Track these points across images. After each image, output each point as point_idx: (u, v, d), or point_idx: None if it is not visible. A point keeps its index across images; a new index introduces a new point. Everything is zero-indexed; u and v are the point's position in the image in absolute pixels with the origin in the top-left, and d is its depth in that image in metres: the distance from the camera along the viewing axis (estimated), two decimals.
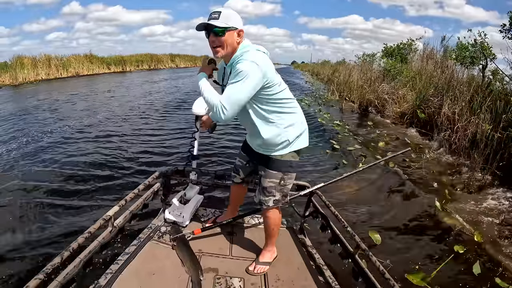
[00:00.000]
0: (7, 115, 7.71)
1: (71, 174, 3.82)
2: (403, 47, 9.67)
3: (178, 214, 2.12)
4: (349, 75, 11.19)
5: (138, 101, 9.90)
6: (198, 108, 2.02)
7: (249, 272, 1.79)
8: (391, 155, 2.64)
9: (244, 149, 1.87)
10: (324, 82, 18.07)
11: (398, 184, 3.93)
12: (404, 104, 6.82)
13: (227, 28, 1.40)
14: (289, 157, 1.63)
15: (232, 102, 1.36)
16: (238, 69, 1.35)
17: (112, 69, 26.56)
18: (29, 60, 20.26)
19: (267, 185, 1.67)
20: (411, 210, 3.30)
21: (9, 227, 2.63)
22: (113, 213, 1.69)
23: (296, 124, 1.61)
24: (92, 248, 1.55)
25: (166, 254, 1.85)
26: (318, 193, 2.13)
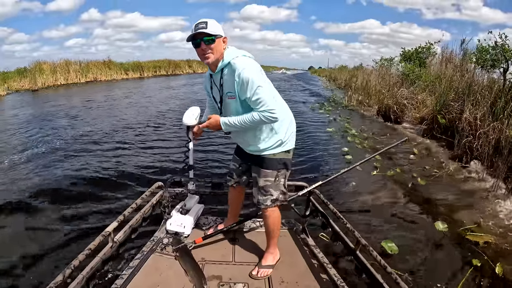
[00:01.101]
0: (12, 121, 8.09)
1: (73, 187, 3.84)
2: (421, 51, 9.48)
3: (179, 225, 2.16)
4: (367, 80, 11.04)
5: (152, 109, 10.09)
6: (188, 119, 2.08)
7: (252, 277, 1.81)
8: (387, 147, 2.63)
9: (237, 152, 1.95)
10: (342, 88, 17.93)
11: (414, 192, 3.83)
12: (423, 109, 6.66)
13: (216, 36, 1.50)
14: (282, 155, 1.71)
15: (268, 101, 1.47)
16: (246, 78, 1.47)
17: (130, 75, 27.19)
18: (48, 66, 21.00)
19: (263, 184, 1.73)
20: (428, 220, 3.18)
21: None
22: (112, 229, 1.73)
23: (285, 122, 1.68)
24: (94, 265, 1.58)
25: (169, 265, 1.87)
26: (316, 192, 2.17)
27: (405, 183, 4.08)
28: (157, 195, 2.26)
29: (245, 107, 1.57)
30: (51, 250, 2.56)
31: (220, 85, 1.63)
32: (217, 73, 1.62)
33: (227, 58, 1.56)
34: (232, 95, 1.58)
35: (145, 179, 4.02)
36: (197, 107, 2.15)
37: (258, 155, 1.72)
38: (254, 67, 1.52)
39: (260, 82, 1.47)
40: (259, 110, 1.48)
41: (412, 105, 7.27)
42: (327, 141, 6.28)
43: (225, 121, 1.60)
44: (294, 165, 4.53)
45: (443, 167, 4.58)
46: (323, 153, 5.39)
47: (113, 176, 4.14)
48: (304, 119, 8.64)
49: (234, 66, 1.53)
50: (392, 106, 7.83)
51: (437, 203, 3.55)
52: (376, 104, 8.91)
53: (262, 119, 1.49)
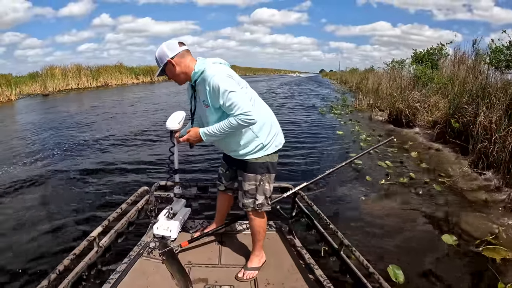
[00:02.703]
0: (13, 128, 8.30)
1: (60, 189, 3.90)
2: (433, 52, 9.31)
3: (165, 229, 2.17)
4: (378, 82, 10.89)
5: (157, 115, 10.11)
6: (172, 123, 2.08)
7: (238, 279, 1.84)
8: (376, 145, 2.63)
9: (224, 157, 1.99)
10: (353, 91, 17.80)
11: (425, 201, 3.65)
12: (436, 112, 6.48)
13: (163, 68, 1.62)
14: (264, 159, 1.73)
15: (242, 105, 1.49)
16: (216, 85, 1.50)
17: (140, 79, 27.61)
18: (59, 70, 21.52)
19: (247, 188, 1.77)
20: (438, 233, 3.00)
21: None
22: (97, 234, 1.76)
23: (266, 126, 1.70)
24: (79, 269, 1.60)
25: (156, 269, 1.89)
26: (301, 193, 2.21)
27: (416, 191, 3.92)
28: (143, 199, 2.30)
29: (219, 115, 1.61)
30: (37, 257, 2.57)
31: (193, 96, 1.73)
32: (193, 83, 1.67)
33: (197, 69, 1.61)
34: (206, 103, 1.62)
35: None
36: (182, 112, 2.16)
37: (242, 159, 1.75)
38: (224, 73, 1.55)
39: (231, 87, 1.50)
40: (235, 115, 1.50)
41: (424, 109, 7.10)
42: (336, 146, 6.16)
43: (205, 131, 1.63)
44: (303, 172, 4.52)
45: (456, 173, 4.42)
46: (333, 159, 5.23)
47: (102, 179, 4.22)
48: (314, 123, 8.57)
49: (204, 75, 1.57)
50: (404, 109, 7.65)
51: (449, 213, 3.38)
52: (387, 108, 8.74)
53: (240, 123, 1.51)
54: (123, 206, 2.07)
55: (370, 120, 8.90)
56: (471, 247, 2.75)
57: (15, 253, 2.61)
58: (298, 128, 8.02)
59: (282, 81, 37.33)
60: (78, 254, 1.59)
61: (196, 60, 1.64)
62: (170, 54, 1.59)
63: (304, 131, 7.66)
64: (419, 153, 5.35)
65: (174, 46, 1.61)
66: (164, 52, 1.59)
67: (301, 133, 7.38)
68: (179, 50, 1.60)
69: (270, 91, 21.11)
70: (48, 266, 2.35)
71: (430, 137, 6.35)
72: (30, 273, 2.34)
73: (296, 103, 13.81)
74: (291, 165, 4.86)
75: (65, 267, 1.49)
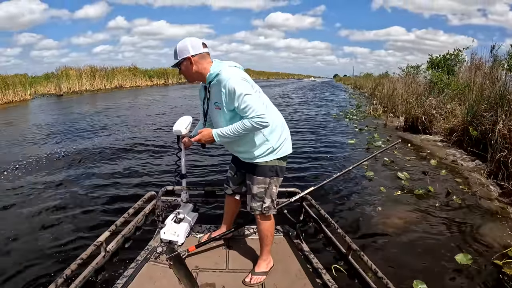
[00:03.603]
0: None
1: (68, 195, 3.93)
2: (449, 58, 9.16)
3: (173, 234, 2.19)
4: (393, 88, 10.77)
5: (168, 119, 10.17)
6: (178, 128, 2.13)
7: (246, 284, 1.85)
8: (382, 149, 2.66)
9: (233, 160, 2.02)
10: (367, 96, 17.65)
11: (442, 215, 3.47)
12: (452, 119, 6.35)
13: (180, 62, 1.65)
14: (274, 162, 1.76)
15: (257, 108, 1.53)
16: (232, 88, 1.54)
17: (154, 82, 28.03)
18: (74, 71, 22.06)
19: (256, 191, 1.80)
20: (458, 251, 2.78)
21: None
22: (104, 238, 1.79)
23: (277, 130, 1.73)
24: (86, 274, 1.62)
25: (163, 274, 1.91)
26: (308, 198, 2.22)
27: (433, 202, 3.74)
28: (150, 204, 2.33)
29: (230, 117, 1.65)
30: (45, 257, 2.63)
31: (207, 98, 1.76)
32: (207, 84, 1.71)
33: (213, 71, 1.64)
34: (218, 105, 1.66)
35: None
36: (188, 116, 2.21)
37: (251, 162, 1.77)
38: (239, 76, 1.59)
39: (246, 90, 1.54)
40: (249, 117, 1.53)
41: (441, 115, 6.96)
42: (349, 153, 6.06)
43: (218, 133, 1.65)
44: (314, 178, 4.45)
45: (475, 184, 4.27)
46: (345, 165, 5.00)
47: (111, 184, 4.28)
48: (328, 129, 8.52)
49: (220, 78, 1.61)
50: (420, 116, 7.52)
51: (468, 226, 3.22)
52: (403, 114, 8.60)
53: (254, 126, 1.54)
54: (131, 211, 2.10)
55: (385, 127, 8.77)
56: (490, 261, 2.62)
57: (23, 256, 2.65)
58: (311, 135, 7.99)
59: (298, 86, 37.39)
60: (86, 258, 1.62)
61: (212, 63, 1.68)
62: (192, 51, 1.63)
63: (316, 137, 7.62)
64: (436, 162, 5.20)
65: (198, 45, 1.65)
66: (186, 48, 1.63)
67: (314, 139, 7.35)
68: (201, 51, 1.64)
69: (285, 96, 21.15)
70: (55, 270, 2.39)
71: (447, 145, 6.22)
72: (37, 277, 2.37)
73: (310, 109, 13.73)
74: (301, 171, 4.85)
75: (72, 271, 1.51)
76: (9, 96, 15.84)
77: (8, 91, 15.77)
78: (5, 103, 15.38)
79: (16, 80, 16.79)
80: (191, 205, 2.44)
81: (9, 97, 15.80)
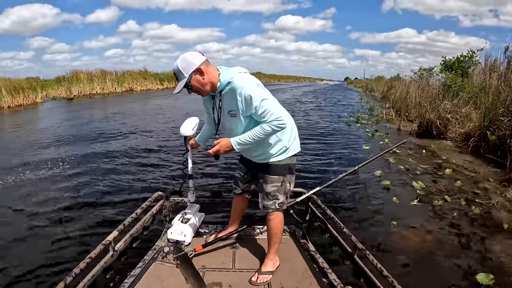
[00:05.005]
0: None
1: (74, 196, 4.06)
2: (463, 60, 9.06)
3: (180, 233, 2.25)
4: (406, 91, 10.67)
5: (177, 122, 10.26)
6: (185, 129, 2.19)
7: (252, 283, 1.89)
8: (387, 149, 2.67)
9: (242, 160, 2.05)
10: (379, 100, 17.52)
11: (459, 227, 3.29)
12: (468, 124, 6.25)
13: (189, 79, 1.60)
14: (287, 161, 1.81)
15: (275, 111, 1.57)
16: (247, 95, 1.56)
17: (165, 85, 28.30)
18: (84, 75, 22.49)
19: (270, 190, 1.85)
20: (478, 269, 2.61)
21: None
22: (113, 238, 1.85)
23: (288, 129, 1.77)
24: (95, 272, 1.68)
25: (170, 273, 1.96)
26: (314, 198, 2.27)
27: (449, 215, 3.57)
28: (157, 204, 2.39)
29: (247, 123, 1.67)
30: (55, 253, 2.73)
31: (218, 106, 1.75)
32: (216, 95, 1.72)
33: (224, 79, 1.64)
34: (234, 113, 1.67)
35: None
36: (195, 118, 2.27)
37: (264, 162, 1.82)
38: (253, 82, 1.62)
39: (262, 95, 1.57)
40: (268, 121, 1.56)
41: (456, 120, 6.87)
42: (361, 157, 5.97)
43: (237, 141, 1.66)
44: (324, 181, 4.33)
45: (493, 193, 4.10)
46: (359, 175, 4.90)
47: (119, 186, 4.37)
48: (340, 134, 8.49)
49: (233, 86, 1.62)
50: (435, 120, 7.40)
51: (488, 240, 3.04)
52: (417, 118, 8.47)
53: (274, 129, 1.58)
54: (138, 211, 2.15)
55: (399, 132, 8.66)
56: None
57: (33, 254, 2.74)
58: (322, 137, 8.01)
59: (313, 89, 37.58)
60: (94, 257, 1.67)
61: (217, 70, 1.67)
62: (197, 62, 1.60)
63: (328, 141, 7.61)
64: (452, 170, 5.06)
65: (198, 55, 1.63)
66: (190, 61, 1.59)
67: (325, 143, 7.35)
68: (203, 59, 1.63)
69: (301, 98, 21.35)
70: (63, 268, 2.46)
71: (463, 151, 6.10)
72: (47, 275, 2.44)
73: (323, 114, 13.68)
74: (310, 173, 4.87)
75: (80, 270, 1.56)
76: (20, 99, 16.29)
77: (18, 95, 16.22)
78: (16, 106, 15.82)
79: (26, 84, 17.25)
80: (198, 206, 2.49)
81: (20, 101, 16.26)
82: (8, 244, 2.91)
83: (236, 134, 1.69)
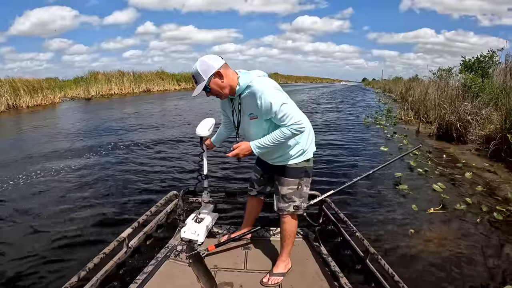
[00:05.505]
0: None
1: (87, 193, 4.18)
2: (483, 60, 8.82)
3: (193, 233, 2.29)
4: (425, 92, 10.46)
5: (194, 122, 10.31)
6: (201, 130, 2.24)
7: (263, 284, 1.91)
8: (403, 154, 2.69)
9: (258, 162, 2.07)
10: (397, 101, 17.23)
11: (483, 236, 3.15)
12: (488, 126, 6.08)
13: (208, 82, 1.62)
14: (304, 163, 1.83)
15: (295, 115, 1.59)
16: (267, 99, 1.58)
17: (182, 86, 28.58)
18: (102, 76, 22.95)
19: (286, 192, 1.86)
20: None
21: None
22: (127, 235, 1.90)
23: (306, 132, 1.78)
24: (108, 268, 1.73)
25: (182, 272, 2.00)
26: (328, 201, 2.28)
27: (471, 221, 3.43)
28: (172, 203, 2.44)
29: (267, 126, 1.69)
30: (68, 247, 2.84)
31: (238, 109, 1.77)
32: (236, 97, 1.75)
33: (243, 83, 1.66)
34: (254, 116, 1.70)
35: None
36: (211, 119, 2.34)
37: (281, 165, 1.84)
38: (272, 86, 1.63)
39: (282, 100, 1.59)
40: (287, 125, 1.59)
41: (476, 122, 6.70)
42: (378, 160, 5.90)
43: (256, 144, 1.69)
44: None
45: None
46: (377, 178, 4.76)
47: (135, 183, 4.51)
48: (358, 136, 8.42)
49: (252, 89, 1.64)
50: (454, 122, 7.23)
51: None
52: (436, 120, 8.29)
53: (293, 133, 1.61)
54: (153, 209, 2.22)
55: (417, 134, 8.50)
56: None
57: (48, 246, 2.87)
58: (340, 138, 7.97)
59: (330, 90, 37.23)
60: (108, 253, 1.73)
61: (236, 73, 1.69)
62: (217, 65, 1.62)
63: (346, 142, 7.56)
64: (473, 173, 4.90)
65: (217, 58, 1.65)
66: (209, 64, 1.62)
67: (342, 144, 7.33)
68: (223, 62, 1.65)
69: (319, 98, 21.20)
70: (77, 263, 2.53)
71: (483, 154, 5.94)
72: (61, 269, 2.53)
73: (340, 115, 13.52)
74: (324, 174, 4.88)
75: (94, 265, 1.61)
76: (39, 99, 16.85)
77: (37, 95, 16.78)
78: (35, 105, 16.36)
79: (45, 84, 17.83)
80: (212, 206, 2.53)
81: (38, 100, 16.81)
82: (26, 236, 3.07)
83: (256, 137, 1.72)
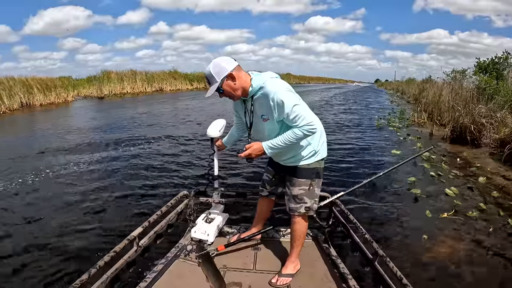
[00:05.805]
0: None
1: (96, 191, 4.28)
2: (498, 62, 8.67)
3: (203, 233, 2.31)
4: (439, 94, 10.31)
5: (206, 123, 10.36)
6: (212, 131, 2.27)
7: (272, 285, 1.92)
8: (414, 155, 2.64)
9: (270, 163, 2.09)
10: (410, 102, 17.04)
11: (498, 243, 3.09)
12: (503, 129, 5.97)
13: (220, 84, 1.65)
14: (315, 164, 1.85)
15: (307, 116, 1.62)
16: (280, 100, 1.60)
17: (194, 85, 28.72)
18: (115, 75, 23.21)
19: (297, 192, 1.88)
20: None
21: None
22: (137, 233, 1.91)
23: (317, 133, 1.79)
24: (118, 266, 1.75)
25: (192, 271, 2.02)
26: (338, 202, 2.28)
27: (485, 228, 3.37)
28: (182, 203, 2.47)
29: (279, 127, 1.71)
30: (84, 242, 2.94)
31: (250, 111, 1.80)
32: (249, 99, 1.77)
33: (256, 84, 1.69)
34: (266, 117, 1.72)
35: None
36: (222, 120, 2.38)
37: (293, 165, 1.86)
38: (285, 88, 1.66)
39: (294, 101, 1.62)
40: (299, 126, 1.61)
41: (491, 125, 6.59)
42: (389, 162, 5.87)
43: (268, 145, 1.71)
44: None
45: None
46: (389, 179, 4.74)
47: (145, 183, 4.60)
48: (371, 137, 8.38)
49: (265, 91, 1.66)
50: (468, 125, 7.10)
51: None
52: (450, 123, 8.15)
53: (305, 134, 1.63)
54: (163, 209, 2.25)
55: (431, 136, 8.38)
56: None
57: (61, 243, 2.95)
58: (352, 140, 7.95)
59: (342, 91, 37.07)
60: (118, 252, 1.75)
61: (249, 75, 1.72)
62: (230, 67, 1.65)
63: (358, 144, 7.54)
64: (487, 178, 4.82)
65: (230, 60, 1.68)
66: (222, 66, 1.64)
67: (354, 145, 7.31)
68: (235, 64, 1.67)
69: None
70: (87, 262, 2.54)
71: (498, 158, 5.81)
72: (72, 265, 2.60)
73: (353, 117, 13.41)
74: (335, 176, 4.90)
75: (105, 263, 1.64)
76: (52, 97, 17.28)
77: (50, 93, 17.20)
78: (48, 104, 16.77)
79: (58, 83, 18.24)
80: (222, 206, 2.56)
81: (52, 99, 17.25)
82: (39, 232, 3.18)
83: (268, 138, 1.74)
